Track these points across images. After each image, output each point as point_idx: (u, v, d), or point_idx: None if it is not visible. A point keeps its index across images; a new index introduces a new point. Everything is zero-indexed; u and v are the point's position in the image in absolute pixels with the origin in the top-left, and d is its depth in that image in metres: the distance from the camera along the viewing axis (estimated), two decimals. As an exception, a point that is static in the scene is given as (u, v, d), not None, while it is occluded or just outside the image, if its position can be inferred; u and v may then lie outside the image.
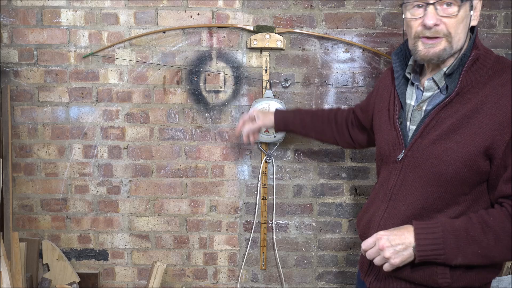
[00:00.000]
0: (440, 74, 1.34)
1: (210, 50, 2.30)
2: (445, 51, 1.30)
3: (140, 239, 2.42)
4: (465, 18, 1.29)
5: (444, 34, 1.28)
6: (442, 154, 1.27)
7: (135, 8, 2.28)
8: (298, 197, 2.39)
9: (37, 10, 2.28)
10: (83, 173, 2.38)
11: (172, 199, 2.39)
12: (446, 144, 1.27)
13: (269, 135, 2.27)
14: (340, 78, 2.31)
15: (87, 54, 2.28)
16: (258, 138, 2.25)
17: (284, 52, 2.29)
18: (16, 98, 2.33)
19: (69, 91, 2.33)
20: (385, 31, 2.27)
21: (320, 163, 2.37)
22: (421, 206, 1.33)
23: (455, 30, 1.28)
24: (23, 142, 2.35)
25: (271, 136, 2.28)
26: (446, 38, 1.28)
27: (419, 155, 1.33)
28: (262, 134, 2.27)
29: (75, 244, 2.43)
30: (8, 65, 2.31)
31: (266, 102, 2.25)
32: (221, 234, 2.42)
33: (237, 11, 2.27)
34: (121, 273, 2.45)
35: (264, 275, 2.45)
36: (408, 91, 1.43)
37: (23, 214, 2.40)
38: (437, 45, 1.29)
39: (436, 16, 1.27)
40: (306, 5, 2.27)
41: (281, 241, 2.42)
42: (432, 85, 1.36)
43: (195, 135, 2.35)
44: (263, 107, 2.23)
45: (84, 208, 2.40)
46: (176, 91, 2.32)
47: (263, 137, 2.28)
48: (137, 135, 2.35)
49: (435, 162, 1.29)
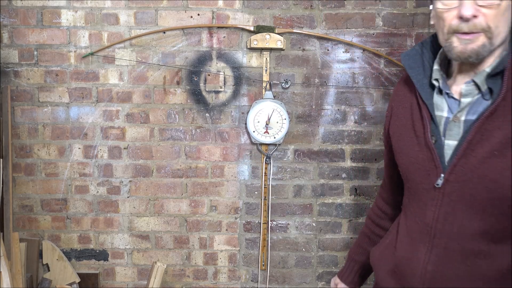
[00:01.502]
0: (482, 76, 1.11)
1: (210, 50, 2.30)
2: (485, 48, 1.08)
3: (140, 239, 2.42)
4: (507, 9, 1.07)
5: (482, 28, 1.06)
6: (499, 176, 1.04)
7: (135, 8, 2.28)
8: (298, 197, 2.39)
9: (37, 10, 2.28)
10: (83, 173, 2.38)
11: (172, 199, 2.40)
12: (502, 163, 1.04)
13: (269, 136, 2.27)
14: (340, 78, 2.31)
15: (87, 54, 2.28)
16: (257, 139, 2.26)
17: (284, 52, 2.29)
18: (16, 98, 2.33)
19: (69, 91, 2.33)
20: (385, 31, 2.27)
21: (320, 163, 2.37)
22: (482, 241, 1.09)
23: (496, 23, 1.06)
24: (23, 142, 2.35)
25: (270, 137, 2.28)
26: (485, 33, 1.07)
27: (466, 179, 1.08)
28: (261, 135, 2.27)
29: (75, 244, 2.43)
30: (8, 65, 2.31)
31: (266, 103, 2.25)
32: (221, 234, 2.42)
33: (237, 11, 2.27)
34: (121, 273, 2.45)
35: (264, 275, 2.45)
36: (436, 101, 1.18)
37: (23, 214, 2.40)
38: (475, 40, 1.08)
39: (475, 6, 1.06)
40: (306, 5, 2.27)
41: (281, 241, 2.42)
42: (472, 90, 1.12)
43: (195, 135, 2.35)
44: (261, 108, 2.24)
45: (84, 208, 2.40)
46: (176, 91, 2.33)
47: (263, 138, 2.28)
48: (137, 135, 2.35)
49: (492, 186, 1.05)
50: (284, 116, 2.27)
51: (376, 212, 1.53)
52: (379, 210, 1.52)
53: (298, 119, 2.34)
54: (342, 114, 2.33)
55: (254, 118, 2.27)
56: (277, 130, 2.28)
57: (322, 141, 2.35)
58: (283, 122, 2.27)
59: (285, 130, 2.28)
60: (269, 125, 2.26)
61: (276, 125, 2.27)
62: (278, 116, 2.27)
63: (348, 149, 2.36)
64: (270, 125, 2.27)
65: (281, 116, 2.27)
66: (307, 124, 2.34)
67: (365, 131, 2.34)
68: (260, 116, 2.27)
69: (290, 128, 2.34)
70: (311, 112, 2.33)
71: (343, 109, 2.33)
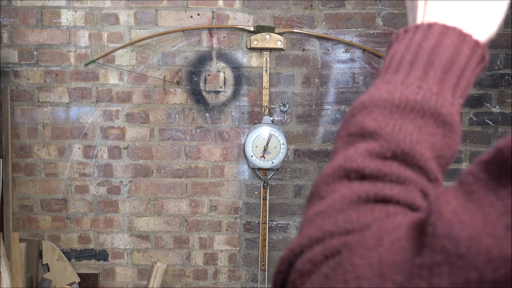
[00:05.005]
0: None
1: (210, 50, 2.30)
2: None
3: (140, 239, 2.42)
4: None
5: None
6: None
7: (135, 8, 2.28)
8: (298, 197, 2.39)
9: (37, 10, 2.28)
10: (83, 173, 2.38)
11: (172, 199, 2.39)
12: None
13: (266, 161, 2.28)
14: (340, 78, 2.31)
15: (88, 62, 2.28)
16: (255, 163, 2.28)
17: (284, 52, 2.29)
18: (16, 98, 2.33)
19: (69, 91, 2.33)
20: (385, 31, 2.27)
21: (320, 163, 2.37)
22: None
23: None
24: (23, 142, 2.35)
25: (268, 162, 2.29)
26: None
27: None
28: (259, 160, 2.28)
29: (75, 244, 2.43)
30: (8, 65, 2.31)
31: (264, 128, 2.27)
32: (221, 234, 2.42)
33: (237, 11, 2.27)
34: (121, 274, 2.45)
35: (264, 275, 2.45)
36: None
37: (23, 214, 2.40)
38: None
39: None
40: (306, 5, 2.27)
41: (281, 241, 2.42)
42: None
43: (195, 135, 2.35)
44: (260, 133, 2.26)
45: (84, 208, 2.40)
46: (176, 91, 2.32)
47: (261, 163, 2.29)
48: (137, 135, 2.35)
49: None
50: (282, 141, 2.27)
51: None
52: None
53: (298, 119, 2.34)
54: (342, 114, 2.33)
55: (252, 143, 2.28)
56: (275, 155, 2.29)
57: (322, 141, 2.35)
58: (281, 147, 2.28)
59: (283, 155, 2.29)
60: (267, 150, 2.28)
61: (274, 150, 2.28)
62: (276, 141, 2.28)
63: (348, 149, 2.35)
64: (268, 150, 2.28)
65: (279, 141, 2.28)
66: (307, 124, 2.34)
67: (365, 131, 2.34)
68: (258, 141, 2.28)
69: (290, 128, 2.34)
70: (311, 112, 2.33)
71: (343, 109, 2.33)
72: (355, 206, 0.40)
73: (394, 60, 0.48)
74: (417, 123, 0.43)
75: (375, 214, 0.39)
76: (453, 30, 0.46)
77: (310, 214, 0.42)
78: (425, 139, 0.43)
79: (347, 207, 0.40)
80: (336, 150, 0.46)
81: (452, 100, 0.44)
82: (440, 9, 0.48)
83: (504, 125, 2.34)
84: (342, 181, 0.43)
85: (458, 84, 0.45)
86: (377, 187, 0.41)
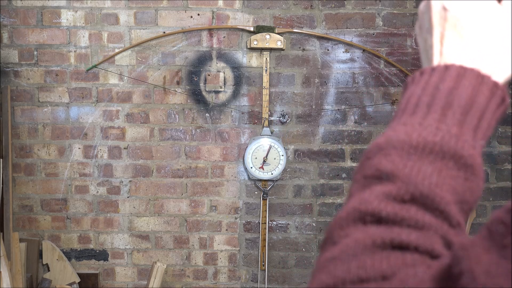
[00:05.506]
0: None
1: (210, 50, 2.30)
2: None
3: (140, 239, 2.42)
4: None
5: None
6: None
7: (135, 8, 2.28)
8: (298, 197, 2.39)
9: (37, 10, 2.28)
10: (83, 173, 2.38)
11: (172, 199, 2.40)
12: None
13: (266, 173, 2.28)
14: (340, 78, 2.31)
15: (90, 67, 2.28)
16: (255, 175, 2.27)
17: (284, 52, 2.30)
18: (16, 98, 2.33)
19: (69, 91, 2.33)
20: (385, 31, 2.27)
21: (320, 163, 2.37)
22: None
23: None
24: (23, 142, 2.35)
25: (267, 173, 2.29)
26: None
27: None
28: (258, 171, 2.28)
29: (75, 244, 2.43)
30: (8, 65, 2.31)
31: (264, 140, 2.27)
32: (221, 234, 2.42)
33: (237, 11, 2.27)
34: (121, 274, 2.45)
35: (264, 275, 2.45)
36: None
37: (23, 214, 2.40)
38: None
39: None
40: (306, 5, 2.27)
41: (281, 241, 2.42)
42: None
43: (195, 135, 2.35)
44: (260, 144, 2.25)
45: (84, 208, 2.40)
46: (176, 91, 2.33)
47: (260, 174, 2.29)
48: (137, 135, 2.35)
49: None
50: (282, 153, 2.27)
51: None
52: None
53: (298, 119, 2.34)
54: (342, 114, 2.33)
55: (252, 154, 2.28)
56: (274, 166, 2.29)
57: (322, 141, 2.35)
58: (280, 158, 2.28)
59: (282, 167, 2.29)
60: (267, 162, 2.27)
61: (274, 162, 2.28)
62: (276, 152, 2.28)
63: (348, 149, 2.36)
64: (267, 161, 2.27)
65: (279, 153, 2.28)
66: (307, 124, 2.34)
67: (365, 131, 2.34)
68: (258, 152, 2.28)
69: (290, 128, 2.34)
70: (311, 112, 2.33)
71: (343, 109, 2.33)
72: (370, 252, 0.37)
73: (411, 102, 0.46)
74: (437, 165, 0.40)
75: (391, 261, 0.36)
76: (471, 72, 0.44)
77: (322, 261, 0.40)
78: (445, 182, 0.40)
79: (361, 252, 0.37)
80: (351, 193, 0.44)
81: (473, 142, 0.42)
82: (457, 50, 0.46)
83: (504, 125, 2.34)
84: (357, 224, 0.40)
85: (479, 126, 0.43)
86: (394, 232, 0.38)
